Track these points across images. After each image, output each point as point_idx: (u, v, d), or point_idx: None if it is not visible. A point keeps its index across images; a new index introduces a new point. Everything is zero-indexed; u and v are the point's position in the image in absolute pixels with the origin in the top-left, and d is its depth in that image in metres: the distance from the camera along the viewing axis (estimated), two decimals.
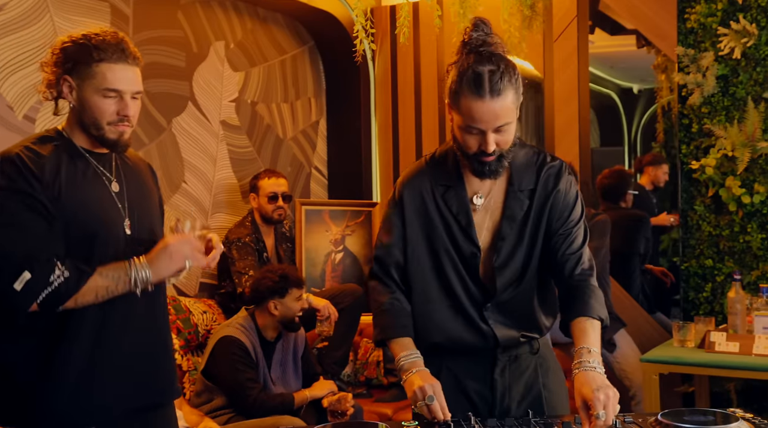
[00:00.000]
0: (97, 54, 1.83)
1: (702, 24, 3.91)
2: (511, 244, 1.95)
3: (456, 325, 1.97)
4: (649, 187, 4.80)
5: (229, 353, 3.16)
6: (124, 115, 1.86)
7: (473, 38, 1.84)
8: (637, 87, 5.80)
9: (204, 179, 4.23)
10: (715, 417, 1.82)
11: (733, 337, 3.25)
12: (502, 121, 1.81)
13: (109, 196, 1.91)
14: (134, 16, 3.86)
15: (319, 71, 5.02)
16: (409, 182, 2.00)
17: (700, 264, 4.00)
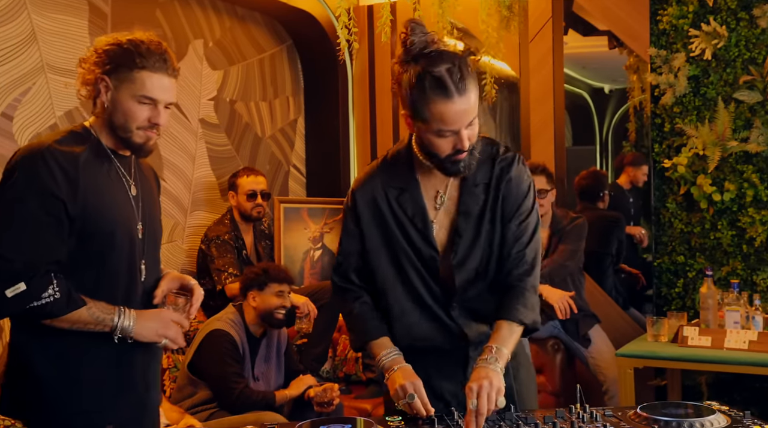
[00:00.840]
0: (140, 61, 1.83)
1: (674, 25, 3.95)
2: (469, 240, 1.93)
3: (425, 327, 1.96)
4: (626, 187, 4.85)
5: (218, 346, 3.14)
6: (155, 122, 1.87)
7: (415, 43, 1.79)
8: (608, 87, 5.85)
9: (183, 177, 4.19)
10: (693, 409, 1.84)
11: (705, 332, 3.29)
12: (471, 116, 1.80)
13: (128, 198, 1.92)
14: (112, 13, 3.81)
15: (298, 70, 4.99)
16: (360, 188, 1.97)
17: (672, 261, 4.05)
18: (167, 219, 4.08)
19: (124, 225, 1.89)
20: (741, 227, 3.85)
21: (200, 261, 3.99)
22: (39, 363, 1.83)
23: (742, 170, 3.82)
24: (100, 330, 1.82)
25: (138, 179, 1.97)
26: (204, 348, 3.18)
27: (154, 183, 2.09)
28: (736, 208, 3.86)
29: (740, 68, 3.82)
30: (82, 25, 3.64)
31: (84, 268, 1.84)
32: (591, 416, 1.84)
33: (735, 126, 3.83)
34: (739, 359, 3.13)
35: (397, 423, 1.85)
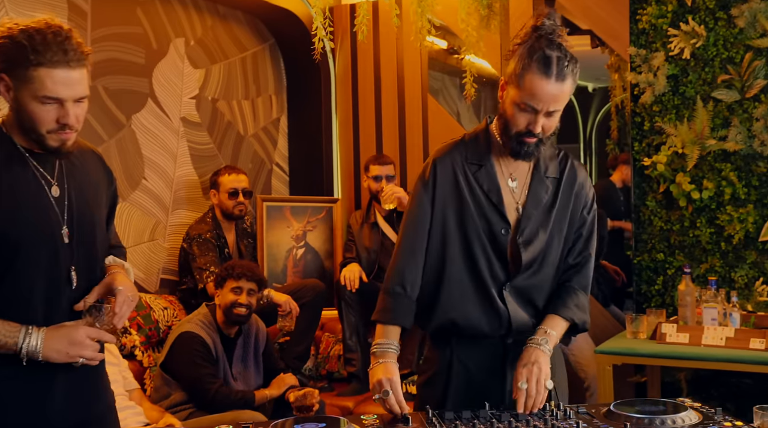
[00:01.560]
0: (34, 57, 1.60)
1: (653, 25, 3.97)
2: (536, 224, 1.99)
3: (474, 304, 1.99)
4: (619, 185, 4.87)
5: (188, 348, 3.12)
6: (64, 123, 1.66)
7: (546, 25, 1.90)
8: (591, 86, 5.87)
9: (164, 176, 4.16)
10: (665, 406, 1.85)
11: (683, 329, 3.31)
12: (557, 106, 1.88)
13: (46, 201, 1.74)
14: (92, 12, 3.78)
15: (280, 69, 4.97)
16: (441, 158, 2.03)
17: (652, 258, 4.06)
18: (149, 217, 4.06)
19: (43, 232, 1.72)
20: (719, 225, 3.87)
21: (182, 259, 3.97)
22: None
23: (720, 168, 3.84)
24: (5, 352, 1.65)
25: (64, 178, 1.78)
26: (175, 351, 3.16)
27: (94, 171, 1.88)
28: (715, 205, 3.87)
29: (718, 67, 3.83)
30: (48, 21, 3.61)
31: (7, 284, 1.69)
32: (564, 413, 1.85)
33: (713, 124, 3.85)
34: (716, 356, 3.14)
35: (372, 421, 1.84)
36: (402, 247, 2.02)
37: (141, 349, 3.55)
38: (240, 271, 3.30)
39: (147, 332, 3.61)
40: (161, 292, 4.05)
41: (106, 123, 3.83)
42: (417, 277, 2.00)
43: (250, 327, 3.41)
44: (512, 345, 2.00)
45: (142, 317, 3.62)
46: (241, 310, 3.27)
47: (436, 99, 4.77)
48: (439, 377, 2.03)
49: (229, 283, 3.28)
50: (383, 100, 4.81)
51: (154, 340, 3.65)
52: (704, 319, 3.32)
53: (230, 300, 3.27)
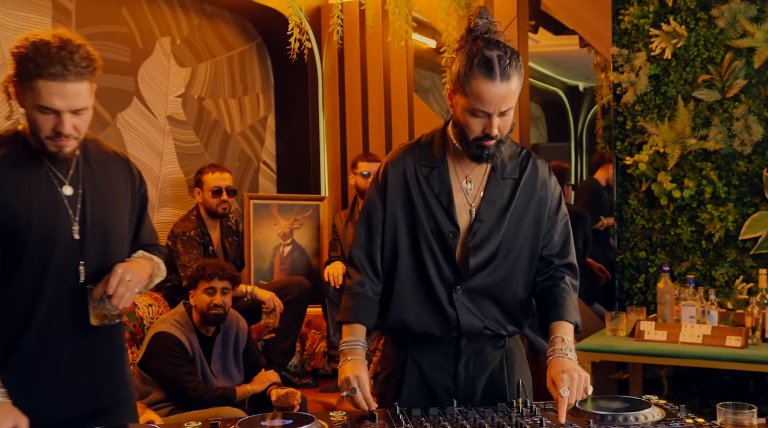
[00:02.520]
0: (35, 69, 1.71)
1: (635, 25, 3.98)
2: (488, 228, 1.96)
3: (424, 308, 1.97)
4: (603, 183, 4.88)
5: (163, 348, 3.12)
6: (59, 131, 1.76)
7: (479, 25, 1.85)
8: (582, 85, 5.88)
9: (150, 174, 4.16)
10: (629, 403, 1.86)
11: (661, 326, 3.32)
12: (507, 105, 1.83)
13: (57, 200, 1.85)
14: (77, 11, 3.78)
15: (267, 67, 4.98)
16: (393, 162, 2.01)
17: (634, 256, 4.07)
18: None
19: (51, 228, 1.82)
20: (700, 223, 3.88)
21: (167, 258, 3.97)
22: None
23: (701, 167, 3.85)
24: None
25: (79, 178, 1.90)
26: (152, 350, 3.16)
27: (117, 175, 1.99)
28: (696, 204, 3.89)
29: (699, 67, 3.84)
30: (45, 23, 3.61)
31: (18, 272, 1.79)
32: (530, 410, 1.85)
33: (694, 124, 3.86)
34: (693, 353, 3.16)
35: (340, 417, 1.85)
36: (356, 249, 2.02)
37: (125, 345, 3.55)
38: (212, 271, 3.28)
39: (131, 329, 3.61)
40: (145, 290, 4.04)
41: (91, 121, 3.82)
42: (375, 277, 2.00)
43: (230, 325, 3.40)
44: (465, 346, 1.99)
45: (126, 314, 3.62)
46: (218, 311, 3.26)
47: (426, 98, 4.78)
48: (394, 374, 2.03)
49: (201, 284, 3.26)
50: (370, 98, 4.81)
51: (138, 337, 3.65)
52: (683, 317, 3.33)
53: (205, 301, 3.25)
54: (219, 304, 3.27)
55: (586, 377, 1.82)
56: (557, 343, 1.91)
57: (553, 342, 1.92)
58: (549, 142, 4.96)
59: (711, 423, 1.75)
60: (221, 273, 3.32)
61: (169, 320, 3.27)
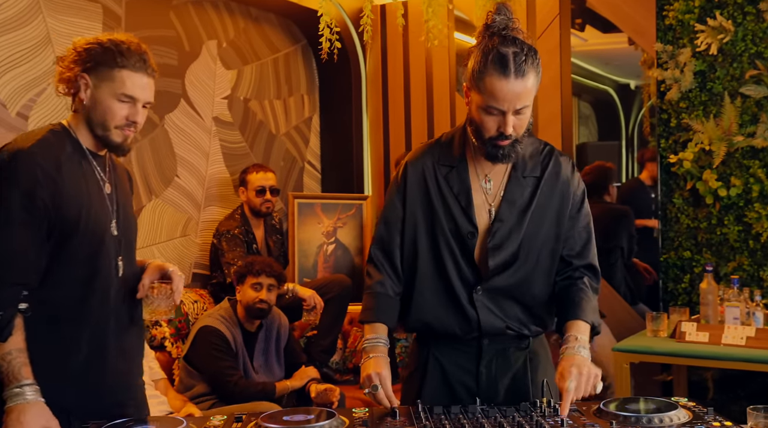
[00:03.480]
0: (121, 60, 1.84)
1: (680, 21, 3.87)
2: (509, 227, 1.92)
3: (444, 308, 1.95)
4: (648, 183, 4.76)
5: (208, 342, 3.17)
6: (132, 120, 1.88)
7: (496, 21, 1.82)
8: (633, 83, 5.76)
9: (196, 173, 4.24)
10: (655, 405, 1.80)
11: (703, 327, 3.22)
12: (523, 103, 1.79)
13: (102, 196, 1.93)
14: (126, 16, 3.86)
15: (312, 69, 5.01)
16: (413, 161, 1.99)
17: (679, 256, 3.97)
18: (181, 214, 4.14)
19: (101, 223, 1.90)
20: (747, 222, 3.75)
21: (212, 255, 4.04)
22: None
23: (748, 165, 3.72)
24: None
25: (113, 178, 1.98)
26: (196, 344, 3.22)
27: (127, 182, 2.10)
28: (743, 203, 3.76)
29: (747, 63, 3.72)
30: (95, 28, 3.70)
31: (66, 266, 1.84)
32: (553, 410, 1.82)
33: (741, 121, 3.73)
34: (736, 355, 3.05)
35: (362, 414, 1.85)
36: (375, 248, 2.01)
37: (171, 341, 3.63)
38: (259, 268, 3.34)
39: (177, 324, 3.69)
40: (193, 286, 4.12)
41: None
42: (395, 276, 1.99)
43: (272, 322, 3.45)
44: (487, 347, 1.96)
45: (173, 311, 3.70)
46: (262, 306, 3.32)
47: None
48: (416, 373, 2.02)
49: (249, 280, 3.32)
50: (412, 98, 4.81)
51: (183, 332, 3.72)
52: (726, 318, 3.23)
53: (251, 296, 3.31)
54: (264, 300, 3.33)
55: (597, 374, 1.79)
56: (570, 341, 1.87)
57: (566, 339, 1.88)
58: (599, 140, 4.86)
59: (739, 426, 1.68)
60: (268, 270, 3.38)
61: (214, 315, 3.33)
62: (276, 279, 3.38)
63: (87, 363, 1.88)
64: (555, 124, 4.34)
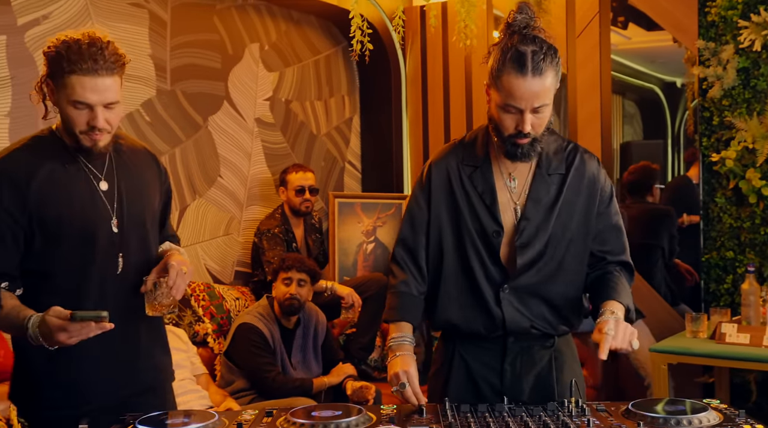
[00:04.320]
0: (67, 65, 1.74)
1: (723, 17, 3.77)
2: (535, 226, 1.91)
3: (470, 307, 1.94)
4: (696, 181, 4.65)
5: (246, 339, 3.22)
6: (93, 125, 1.79)
7: (517, 20, 1.82)
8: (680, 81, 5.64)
9: (239, 174, 4.30)
10: (685, 406, 1.77)
11: (744, 329, 3.14)
12: (541, 101, 1.78)
13: (95, 195, 1.88)
14: (172, 21, 3.94)
15: (353, 70, 5.04)
16: (437, 162, 1.98)
17: (721, 256, 3.87)
18: (224, 213, 4.21)
19: (91, 222, 1.86)
20: None
21: (253, 253, 4.10)
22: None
23: None
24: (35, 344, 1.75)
25: (114, 173, 1.92)
26: (236, 340, 3.27)
27: (146, 168, 2.02)
28: None
29: None
30: (142, 33, 3.79)
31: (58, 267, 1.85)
32: (581, 410, 1.80)
33: None
34: None
35: (390, 410, 1.86)
36: (400, 248, 2.00)
37: (213, 337, 3.69)
38: (290, 263, 3.37)
39: (219, 320, 3.75)
40: (235, 283, 4.19)
41: (184, 124, 3.99)
42: (419, 275, 1.98)
43: (309, 319, 3.48)
44: (512, 344, 1.94)
45: (214, 306, 3.77)
46: (292, 301, 3.34)
47: None
48: (442, 370, 2.01)
49: (280, 275, 3.36)
50: (452, 98, 4.79)
51: (225, 329, 3.78)
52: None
53: (282, 291, 3.35)
54: (294, 294, 3.35)
55: (634, 331, 1.77)
56: (606, 314, 1.82)
57: (602, 314, 1.84)
58: (644, 139, 4.78)
59: None
60: (299, 266, 3.40)
61: (253, 312, 3.37)
62: (307, 275, 3.39)
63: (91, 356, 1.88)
64: (595, 123, 4.28)
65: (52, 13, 3.43)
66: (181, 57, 3.99)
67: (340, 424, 1.69)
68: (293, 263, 3.37)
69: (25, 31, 3.30)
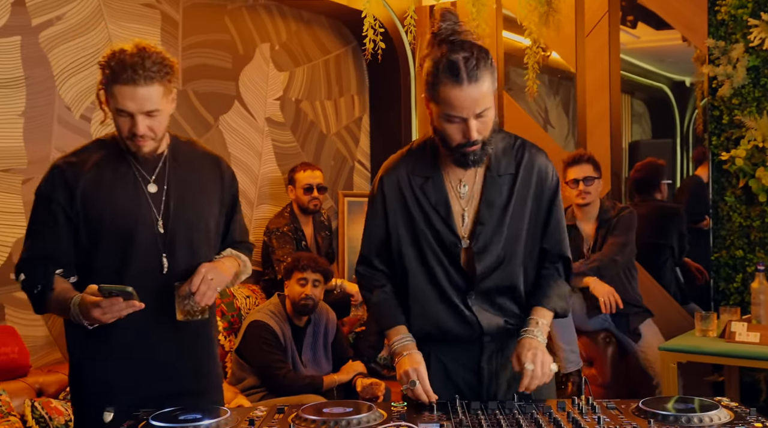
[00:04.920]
0: (112, 76, 1.84)
1: (732, 16, 3.75)
2: (491, 229, 1.90)
3: (443, 314, 1.94)
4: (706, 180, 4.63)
5: (257, 336, 3.22)
6: (133, 133, 1.88)
7: (442, 29, 1.80)
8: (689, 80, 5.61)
9: (250, 172, 4.31)
10: (695, 404, 1.76)
11: (754, 327, 3.12)
12: (482, 107, 1.76)
13: (141, 197, 1.95)
14: (183, 21, 3.95)
15: (363, 70, 5.04)
16: (387, 174, 1.96)
17: (731, 255, 3.85)
18: None
19: (136, 223, 1.93)
20: None
21: (263, 252, 4.10)
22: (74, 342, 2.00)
23: None
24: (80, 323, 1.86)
25: (165, 177, 1.99)
26: (247, 338, 3.27)
27: (206, 173, 2.07)
28: None
29: None
30: (155, 33, 3.80)
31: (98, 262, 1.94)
32: (592, 408, 1.79)
33: None
34: None
35: (400, 408, 1.85)
36: (364, 266, 2.01)
37: (224, 334, 3.70)
38: (305, 263, 3.37)
39: (229, 318, 3.76)
40: (246, 282, 4.18)
41: (195, 124, 4.00)
42: (386, 278, 1.99)
43: (320, 317, 3.48)
44: (489, 343, 1.96)
45: (225, 304, 3.78)
46: (308, 302, 3.34)
47: (518, 96, 4.69)
48: None
49: (295, 275, 3.36)
50: None
51: (236, 326, 3.78)
52: None
53: (297, 291, 3.35)
54: (309, 295, 3.35)
55: (550, 359, 1.86)
56: (531, 324, 1.91)
57: (528, 322, 1.92)
58: (653, 138, 4.76)
59: None
60: (314, 266, 3.40)
61: (264, 310, 3.38)
62: (321, 275, 3.40)
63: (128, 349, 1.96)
64: (604, 123, 4.26)
65: (66, 14, 3.44)
66: (193, 57, 4.00)
67: (351, 421, 1.69)
68: (308, 263, 3.38)
69: (39, 32, 3.32)
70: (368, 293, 2.02)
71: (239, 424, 1.73)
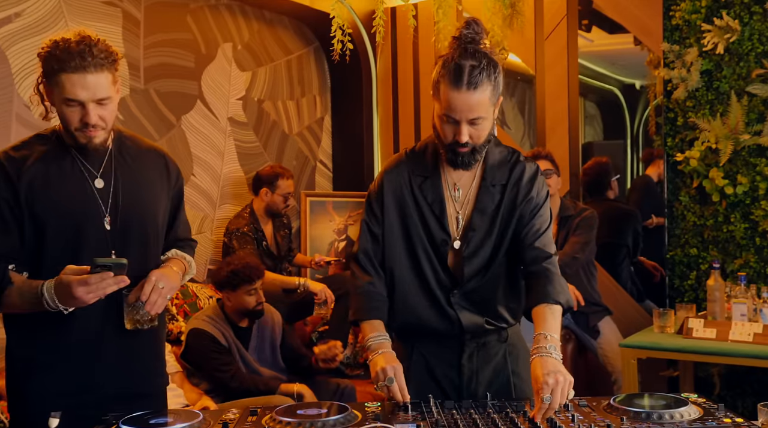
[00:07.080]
0: (57, 64, 1.74)
1: (687, 21, 3.81)
2: (481, 236, 1.94)
3: (425, 308, 1.97)
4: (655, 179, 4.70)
5: (197, 344, 3.15)
6: (86, 122, 1.78)
7: (463, 35, 1.84)
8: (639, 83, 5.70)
9: (212, 172, 4.22)
10: (665, 401, 1.76)
11: (710, 324, 3.17)
12: (476, 114, 1.80)
13: (88, 192, 1.86)
14: (145, 20, 3.85)
15: (324, 70, 4.98)
16: (389, 172, 2.00)
17: (685, 253, 3.91)
18: (197, 212, 4.12)
19: (83, 219, 1.84)
20: (754, 220, 3.69)
21: (224, 253, 4.02)
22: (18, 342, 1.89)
23: (754, 163, 3.66)
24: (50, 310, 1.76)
25: (112, 171, 1.90)
26: (189, 346, 3.20)
27: (153, 169, 1.99)
28: (749, 201, 3.70)
29: (753, 62, 3.66)
30: (116, 32, 3.69)
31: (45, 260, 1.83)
32: (565, 406, 1.78)
33: (748, 119, 3.67)
34: (744, 351, 3.00)
35: (374, 408, 1.82)
36: (362, 255, 1.99)
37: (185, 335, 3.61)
38: (249, 274, 3.24)
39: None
40: (208, 282, 4.10)
41: (157, 123, 3.90)
42: (380, 279, 1.98)
43: (264, 319, 3.39)
44: (469, 341, 1.97)
45: (188, 305, 3.69)
46: (261, 307, 3.28)
47: None
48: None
49: (243, 287, 3.23)
50: (422, 99, 4.77)
51: None
52: (733, 315, 3.17)
53: (248, 301, 3.24)
54: (261, 301, 3.30)
55: (571, 381, 1.69)
56: (541, 341, 1.76)
57: (536, 339, 1.78)
58: (605, 139, 4.82)
59: (750, 423, 1.64)
60: (257, 273, 3.29)
61: (201, 316, 3.28)
62: (261, 278, 3.32)
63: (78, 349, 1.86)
64: (562, 124, 4.30)
65: (25, 11, 3.32)
66: (155, 56, 3.89)
67: (327, 422, 1.65)
68: (253, 273, 3.25)
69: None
70: (358, 279, 2.00)
71: (212, 427, 1.67)
